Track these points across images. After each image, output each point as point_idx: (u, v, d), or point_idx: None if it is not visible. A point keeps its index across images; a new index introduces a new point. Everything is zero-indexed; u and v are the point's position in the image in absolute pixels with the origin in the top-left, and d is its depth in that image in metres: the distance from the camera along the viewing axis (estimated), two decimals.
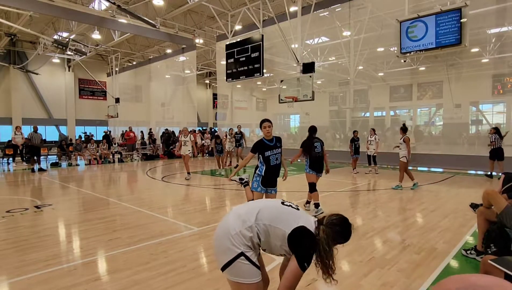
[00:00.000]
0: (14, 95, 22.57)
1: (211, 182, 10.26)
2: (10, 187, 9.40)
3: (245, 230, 1.99)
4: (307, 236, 1.99)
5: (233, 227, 1.99)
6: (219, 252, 2.01)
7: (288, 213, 2.10)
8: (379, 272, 3.43)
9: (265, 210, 2.10)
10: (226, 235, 1.98)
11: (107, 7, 14.92)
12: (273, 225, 2.02)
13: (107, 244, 4.35)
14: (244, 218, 2.03)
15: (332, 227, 2.14)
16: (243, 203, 2.23)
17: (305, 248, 1.96)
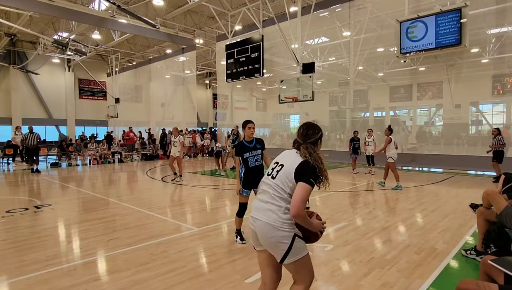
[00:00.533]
0: (14, 95, 22.57)
1: (211, 182, 10.26)
2: (10, 187, 9.39)
3: (284, 215, 2.10)
4: (302, 164, 2.11)
5: (274, 219, 2.10)
6: (275, 247, 2.11)
7: (283, 175, 2.17)
8: (379, 272, 3.43)
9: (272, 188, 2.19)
10: (274, 229, 2.08)
11: (107, 7, 14.92)
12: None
13: (107, 244, 4.34)
14: (273, 207, 2.13)
15: (306, 139, 2.22)
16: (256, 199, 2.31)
17: (308, 170, 2.09)
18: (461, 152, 15.55)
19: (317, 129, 2.28)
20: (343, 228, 5.03)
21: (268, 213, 2.13)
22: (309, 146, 2.19)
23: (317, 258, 3.80)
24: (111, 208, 6.60)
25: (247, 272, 3.43)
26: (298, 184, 2.07)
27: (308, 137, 2.22)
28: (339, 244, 4.28)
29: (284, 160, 2.23)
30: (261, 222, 2.14)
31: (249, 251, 4.01)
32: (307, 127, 2.29)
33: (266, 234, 2.12)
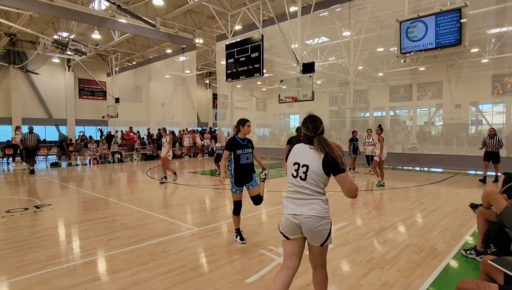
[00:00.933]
0: (14, 95, 22.57)
1: (211, 182, 10.26)
2: (10, 187, 9.39)
3: (325, 205, 2.45)
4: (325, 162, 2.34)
5: (319, 210, 2.40)
6: (319, 234, 2.41)
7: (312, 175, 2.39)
8: (379, 272, 3.43)
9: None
10: (320, 219, 2.39)
11: (107, 7, 14.92)
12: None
13: (106, 244, 4.34)
14: (316, 201, 2.42)
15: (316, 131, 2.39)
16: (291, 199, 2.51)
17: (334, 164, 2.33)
18: (461, 152, 15.54)
19: (320, 119, 2.43)
20: (343, 228, 5.03)
21: (313, 206, 2.39)
22: (321, 138, 2.35)
23: None
24: (111, 208, 6.60)
25: (247, 272, 3.43)
26: (338, 176, 2.36)
27: (317, 129, 2.37)
28: (339, 244, 4.28)
29: (306, 160, 2.38)
30: (307, 216, 2.38)
31: (249, 251, 4.01)
32: (314, 119, 2.41)
33: (313, 225, 2.38)
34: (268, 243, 4.29)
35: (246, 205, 6.89)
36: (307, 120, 2.43)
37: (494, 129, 9.39)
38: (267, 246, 4.19)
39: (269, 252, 3.98)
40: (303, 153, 2.38)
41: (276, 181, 10.15)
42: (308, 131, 2.37)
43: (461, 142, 17.50)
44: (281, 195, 7.77)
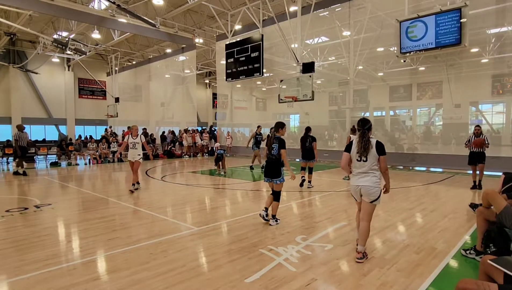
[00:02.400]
0: (14, 95, 22.56)
1: (211, 182, 10.26)
2: (9, 187, 9.39)
3: (377, 178, 3.77)
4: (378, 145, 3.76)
5: (374, 181, 3.75)
6: (372, 195, 3.77)
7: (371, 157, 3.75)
8: (378, 272, 3.43)
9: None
10: (374, 187, 3.74)
11: (107, 6, 14.91)
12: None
13: (106, 244, 4.34)
14: (372, 174, 3.76)
15: (365, 126, 3.77)
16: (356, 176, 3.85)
17: (382, 147, 3.76)
18: (460, 152, 15.49)
19: (369, 121, 3.81)
20: (343, 227, 5.04)
21: (370, 178, 3.76)
22: (365, 131, 3.76)
23: (316, 258, 3.81)
24: (110, 207, 6.60)
25: (247, 272, 3.43)
26: (381, 157, 3.74)
27: (367, 126, 3.77)
28: (338, 244, 4.28)
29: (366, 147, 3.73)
30: (366, 185, 3.75)
31: (249, 251, 4.02)
32: (365, 121, 3.80)
33: (369, 190, 3.75)
34: (268, 243, 4.29)
35: (246, 205, 6.90)
36: (360, 121, 3.81)
37: (480, 127, 8.37)
38: (267, 246, 4.19)
39: (269, 252, 3.98)
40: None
41: None
42: (359, 126, 3.77)
43: (461, 142, 17.47)
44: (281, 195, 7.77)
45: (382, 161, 3.72)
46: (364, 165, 3.73)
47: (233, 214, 5.99)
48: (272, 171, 5.16)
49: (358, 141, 3.76)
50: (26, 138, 11.99)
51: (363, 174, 3.76)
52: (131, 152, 8.17)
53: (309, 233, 4.73)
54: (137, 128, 8.35)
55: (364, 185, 3.74)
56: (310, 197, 7.48)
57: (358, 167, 3.79)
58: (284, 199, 7.27)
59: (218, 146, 14.71)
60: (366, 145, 3.69)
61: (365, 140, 3.71)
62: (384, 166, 3.73)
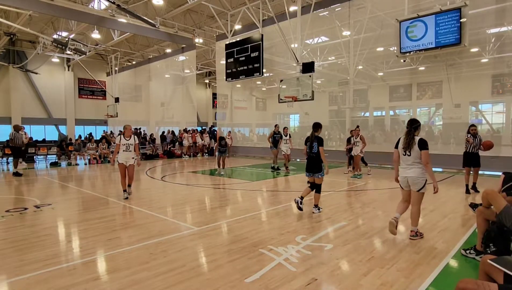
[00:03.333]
0: (14, 95, 22.55)
1: (211, 182, 10.26)
2: (9, 187, 9.39)
3: (422, 170, 4.39)
4: (420, 141, 4.35)
5: (419, 172, 4.38)
6: (418, 184, 4.40)
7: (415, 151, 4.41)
8: (378, 272, 3.43)
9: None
10: (419, 178, 4.38)
11: (107, 6, 14.91)
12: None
13: (106, 244, 4.34)
14: (416, 166, 4.41)
15: (413, 125, 4.48)
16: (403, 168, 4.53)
17: (424, 143, 4.32)
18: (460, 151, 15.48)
19: (418, 121, 4.52)
20: (343, 227, 5.04)
21: (414, 170, 4.40)
22: (412, 130, 4.44)
23: (316, 258, 3.81)
24: (110, 207, 6.60)
25: (247, 271, 3.43)
26: (422, 152, 4.31)
27: (414, 125, 4.46)
28: (338, 244, 4.28)
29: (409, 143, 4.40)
30: (411, 176, 4.40)
31: (249, 251, 4.02)
32: (414, 120, 4.50)
33: (415, 180, 4.39)
34: (268, 243, 4.29)
35: (246, 204, 6.90)
36: (409, 121, 4.49)
37: (475, 127, 7.92)
38: (267, 246, 4.19)
39: (269, 251, 3.98)
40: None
41: (276, 180, 10.15)
42: (408, 126, 4.46)
43: (461, 142, 17.45)
44: (281, 195, 7.78)
45: (423, 155, 4.29)
46: (409, 158, 4.43)
47: (233, 214, 5.99)
48: (313, 167, 5.85)
49: (404, 137, 4.48)
50: (21, 139, 11.88)
51: (409, 166, 4.43)
52: (124, 155, 7.24)
53: (309, 233, 4.73)
54: (130, 128, 7.48)
55: (410, 176, 4.41)
56: (310, 197, 7.48)
57: (405, 161, 4.49)
58: (284, 199, 7.27)
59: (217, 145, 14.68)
60: (410, 141, 4.38)
61: (410, 137, 4.41)
62: (425, 159, 4.28)
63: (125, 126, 7.51)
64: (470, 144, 7.73)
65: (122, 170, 7.31)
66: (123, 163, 7.26)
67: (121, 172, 7.33)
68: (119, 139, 7.36)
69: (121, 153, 7.25)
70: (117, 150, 7.30)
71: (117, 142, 7.40)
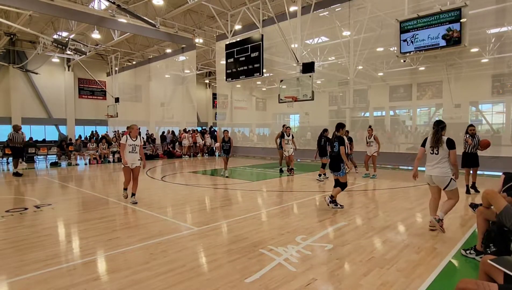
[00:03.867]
0: (14, 95, 22.56)
1: (211, 182, 10.26)
2: (9, 187, 9.39)
3: (448, 168, 4.58)
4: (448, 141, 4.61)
5: (445, 171, 4.57)
6: (444, 182, 4.60)
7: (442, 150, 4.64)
8: (378, 272, 3.43)
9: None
10: (445, 176, 4.58)
11: (107, 6, 14.91)
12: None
13: (106, 244, 4.34)
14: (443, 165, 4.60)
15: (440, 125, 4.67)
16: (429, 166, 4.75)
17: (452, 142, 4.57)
18: (460, 151, 15.50)
19: (443, 122, 4.71)
20: (343, 227, 5.04)
21: (438, 169, 4.60)
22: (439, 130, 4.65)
23: (316, 258, 3.81)
24: (111, 207, 6.59)
25: (247, 272, 3.43)
26: (450, 151, 4.54)
27: (441, 125, 4.66)
28: (338, 244, 4.28)
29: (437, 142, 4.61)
30: (435, 174, 4.61)
31: (249, 251, 4.01)
32: (440, 121, 4.71)
33: (439, 179, 4.60)
34: (268, 243, 4.29)
35: (246, 204, 6.90)
36: (436, 121, 4.72)
37: (474, 127, 7.94)
38: (267, 246, 4.19)
39: (269, 252, 3.98)
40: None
41: (276, 180, 10.16)
42: (435, 126, 4.65)
43: (461, 142, 17.46)
44: (280, 195, 7.78)
45: (452, 155, 4.52)
46: (436, 157, 4.61)
47: (233, 214, 5.99)
48: (334, 166, 6.07)
49: (432, 137, 4.64)
50: (21, 138, 11.83)
51: (434, 165, 4.62)
52: (130, 156, 6.82)
53: (309, 233, 4.73)
54: (137, 128, 7.06)
55: (434, 175, 4.61)
56: (310, 197, 7.48)
57: (431, 159, 4.67)
58: (284, 199, 7.27)
59: (218, 145, 14.67)
60: (438, 140, 4.58)
61: (437, 136, 4.59)
62: (453, 158, 4.52)
63: (131, 126, 7.04)
64: (469, 144, 7.79)
65: (128, 173, 6.84)
66: (128, 166, 6.83)
67: (126, 175, 6.85)
68: (125, 139, 6.85)
69: (127, 154, 6.80)
70: (123, 151, 6.80)
71: (122, 142, 6.86)
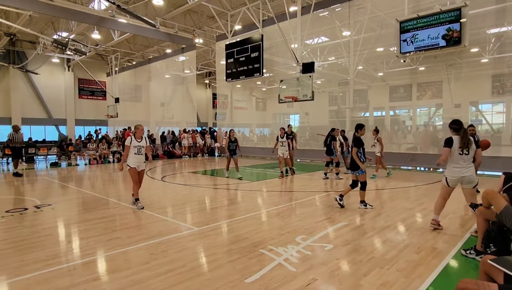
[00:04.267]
0: (14, 95, 22.56)
1: (211, 182, 10.26)
2: (9, 187, 9.39)
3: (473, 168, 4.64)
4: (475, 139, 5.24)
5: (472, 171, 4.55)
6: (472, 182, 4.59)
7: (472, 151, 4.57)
8: (378, 272, 3.43)
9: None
10: (474, 176, 4.54)
11: (107, 7, 14.92)
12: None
13: (106, 244, 4.34)
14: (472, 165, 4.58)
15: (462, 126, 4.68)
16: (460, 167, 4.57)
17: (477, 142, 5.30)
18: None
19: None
20: (343, 227, 5.04)
21: (471, 169, 4.53)
22: (465, 129, 4.61)
23: (316, 258, 3.81)
24: (111, 207, 6.59)
25: (247, 272, 3.43)
26: (479, 150, 4.66)
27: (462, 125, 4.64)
28: (338, 244, 4.28)
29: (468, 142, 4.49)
30: (469, 175, 4.51)
31: (249, 251, 4.02)
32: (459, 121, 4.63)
33: (472, 178, 4.54)
34: (268, 243, 4.29)
35: (246, 205, 6.90)
36: (457, 121, 4.63)
37: (474, 127, 7.89)
38: (267, 246, 4.19)
39: (269, 251, 3.98)
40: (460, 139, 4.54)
41: (276, 181, 10.15)
42: (459, 125, 4.59)
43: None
44: (280, 195, 7.78)
45: (479, 154, 4.61)
46: (467, 158, 4.45)
47: (233, 214, 5.99)
48: (353, 165, 6.16)
49: (462, 137, 4.46)
50: (20, 139, 11.85)
51: (467, 166, 4.48)
52: (136, 158, 6.47)
53: (309, 233, 4.73)
54: (142, 129, 6.68)
55: (468, 175, 4.50)
56: (310, 197, 7.48)
57: (463, 160, 4.48)
58: (284, 199, 7.27)
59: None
60: (469, 141, 4.43)
61: (468, 136, 4.44)
62: (481, 157, 4.61)
63: (136, 126, 6.68)
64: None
65: (135, 175, 6.48)
66: (135, 167, 6.44)
67: (133, 177, 6.50)
68: (130, 141, 6.48)
69: (132, 156, 6.44)
70: (127, 152, 6.45)
71: (127, 143, 6.48)
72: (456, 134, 4.62)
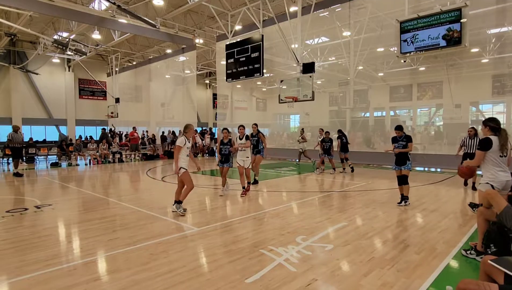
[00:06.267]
0: (14, 95, 22.58)
1: (211, 182, 10.26)
2: (9, 187, 9.40)
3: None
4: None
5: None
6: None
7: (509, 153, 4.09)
8: (379, 272, 3.43)
9: None
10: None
11: (107, 7, 14.92)
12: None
13: (107, 244, 4.35)
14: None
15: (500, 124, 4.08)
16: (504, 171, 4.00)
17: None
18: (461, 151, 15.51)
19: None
20: (343, 228, 5.04)
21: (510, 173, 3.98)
22: (504, 129, 3.96)
23: (317, 258, 3.81)
24: (111, 208, 6.60)
25: (247, 272, 3.43)
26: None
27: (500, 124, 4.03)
28: (339, 244, 4.28)
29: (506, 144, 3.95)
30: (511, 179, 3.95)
31: (249, 251, 4.02)
32: (497, 119, 4.07)
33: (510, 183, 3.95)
34: (268, 243, 4.29)
35: (246, 205, 6.89)
36: (493, 119, 4.02)
37: (474, 129, 8.02)
38: (267, 246, 4.19)
39: (269, 252, 3.98)
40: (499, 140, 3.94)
41: (276, 181, 10.15)
42: (499, 125, 3.96)
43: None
44: (280, 195, 7.78)
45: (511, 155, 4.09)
46: (505, 160, 3.97)
47: (233, 214, 5.99)
48: (401, 160, 6.40)
49: (502, 137, 3.90)
50: (20, 139, 11.85)
51: (507, 168, 3.98)
52: (187, 160, 5.97)
53: (309, 233, 4.73)
54: (193, 128, 6.20)
55: (510, 179, 3.92)
56: (310, 197, 7.48)
57: (504, 163, 3.96)
58: (284, 199, 7.27)
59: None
60: (507, 142, 3.95)
61: (506, 136, 3.91)
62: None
63: (188, 126, 6.05)
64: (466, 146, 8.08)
65: (190, 178, 5.93)
66: (186, 169, 5.90)
67: (190, 181, 5.89)
68: (183, 142, 5.86)
69: (184, 158, 5.88)
70: (178, 155, 5.83)
71: (179, 144, 5.84)
72: (494, 134, 3.98)
